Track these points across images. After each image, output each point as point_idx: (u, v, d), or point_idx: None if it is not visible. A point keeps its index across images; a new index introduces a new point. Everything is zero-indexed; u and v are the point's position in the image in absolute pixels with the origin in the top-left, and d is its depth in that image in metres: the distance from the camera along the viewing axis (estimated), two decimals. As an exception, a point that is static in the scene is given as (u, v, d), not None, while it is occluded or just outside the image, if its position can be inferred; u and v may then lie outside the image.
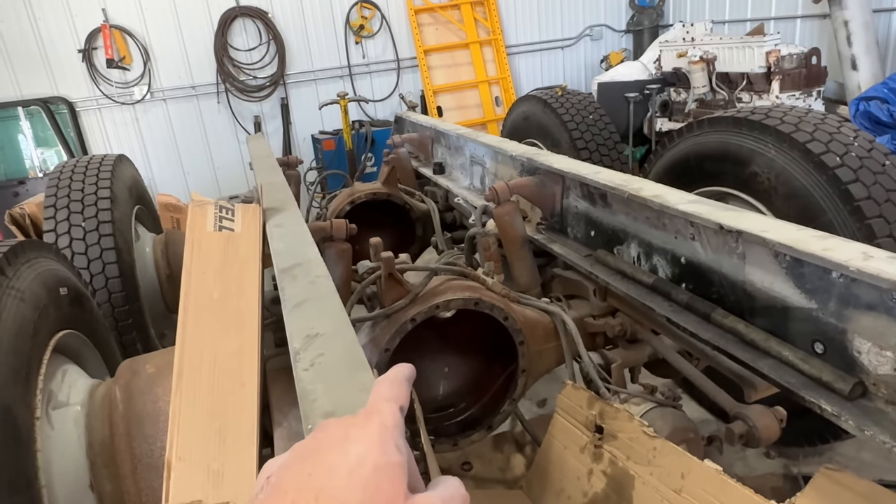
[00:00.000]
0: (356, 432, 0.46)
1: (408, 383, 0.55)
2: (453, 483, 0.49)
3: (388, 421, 0.48)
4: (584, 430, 1.69)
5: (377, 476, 0.43)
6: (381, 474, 0.43)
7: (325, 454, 0.45)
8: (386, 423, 0.48)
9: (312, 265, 1.27)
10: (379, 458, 0.44)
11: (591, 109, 3.48)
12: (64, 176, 2.58)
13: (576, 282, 2.10)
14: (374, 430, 0.47)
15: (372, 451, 0.45)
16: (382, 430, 0.47)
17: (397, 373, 0.55)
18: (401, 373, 0.56)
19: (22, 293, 1.38)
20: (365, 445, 0.45)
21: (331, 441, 0.46)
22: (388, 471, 0.44)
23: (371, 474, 0.43)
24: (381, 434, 0.46)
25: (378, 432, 0.46)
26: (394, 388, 0.53)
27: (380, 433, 0.46)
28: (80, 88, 6.41)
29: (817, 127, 1.99)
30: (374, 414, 0.49)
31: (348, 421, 0.48)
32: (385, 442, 0.46)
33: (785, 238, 1.24)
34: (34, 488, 1.25)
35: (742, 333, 1.38)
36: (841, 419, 1.12)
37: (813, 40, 6.14)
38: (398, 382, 0.54)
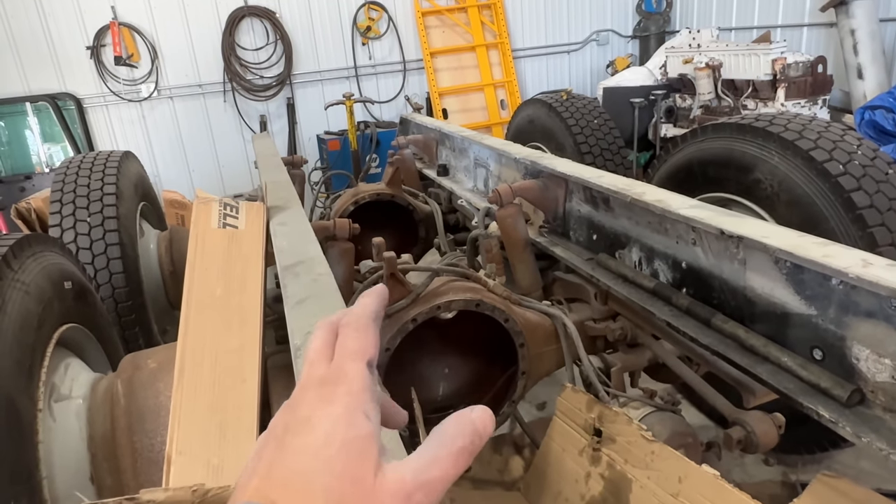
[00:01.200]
0: (321, 409, 0.43)
1: (374, 325, 0.50)
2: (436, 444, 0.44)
3: (354, 386, 0.45)
4: (582, 433, 1.69)
5: (344, 453, 0.41)
6: (349, 451, 0.41)
7: (293, 436, 0.43)
8: (352, 389, 0.44)
9: (315, 263, 1.28)
10: (345, 434, 0.42)
11: (595, 114, 3.48)
12: (70, 171, 2.60)
13: (577, 285, 2.11)
14: (340, 403, 0.44)
15: (339, 427, 0.42)
16: (348, 399, 0.44)
17: (360, 315, 0.50)
18: (365, 312, 0.50)
19: (27, 286, 1.39)
20: (331, 422, 0.42)
21: (298, 420, 0.44)
22: (355, 445, 0.41)
23: (338, 453, 0.41)
24: (348, 404, 0.43)
25: (344, 403, 0.43)
26: (359, 338, 0.48)
27: (346, 404, 0.43)
28: (88, 85, 6.44)
29: (821, 135, 1.99)
30: (340, 381, 0.45)
31: (314, 392, 0.45)
32: (352, 413, 0.43)
33: (785, 244, 1.24)
34: (35, 480, 1.26)
35: (742, 339, 1.39)
36: (838, 426, 1.12)
37: (819, 49, 6.13)
38: (363, 329, 0.49)
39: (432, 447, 0.44)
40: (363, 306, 0.51)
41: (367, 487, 0.40)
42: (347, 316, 0.51)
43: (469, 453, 0.44)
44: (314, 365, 0.48)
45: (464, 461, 0.43)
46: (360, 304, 0.51)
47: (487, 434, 0.45)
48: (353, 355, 0.47)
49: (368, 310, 0.51)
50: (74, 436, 1.45)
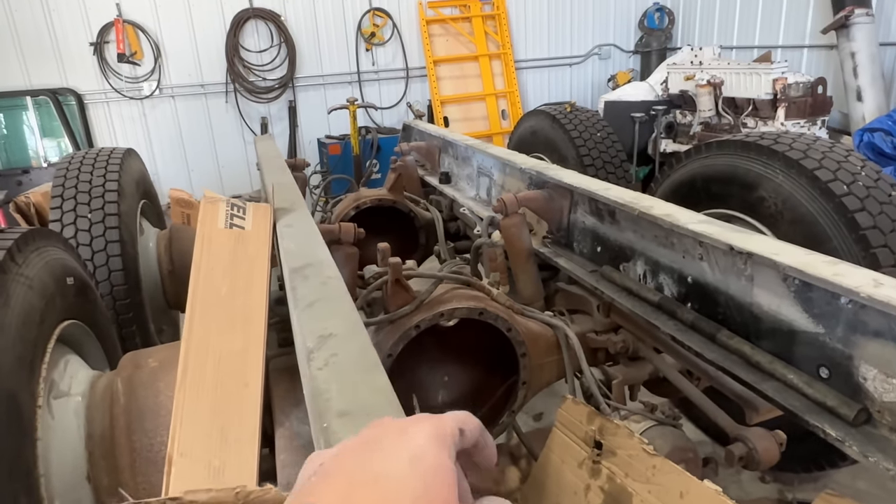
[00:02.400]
0: (414, 427, 0.45)
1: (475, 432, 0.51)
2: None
3: (446, 428, 0.46)
4: (582, 445, 1.69)
5: (436, 473, 0.42)
6: (439, 473, 0.42)
7: (383, 443, 0.44)
8: (444, 428, 0.46)
9: (324, 266, 1.27)
10: (438, 457, 0.43)
11: (598, 127, 3.50)
12: (73, 167, 2.58)
13: (579, 296, 2.11)
14: (432, 429, 0.45)
15: (431, 447, 0.43)
16: (440, 431, 0.45)
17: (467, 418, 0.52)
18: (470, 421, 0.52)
19: (31, 281, 1.38)
20: (424, 440, 0.44)
21: (389, 433, 0.45)
22: (445, 471, 0.43)
23: (430, 469, 0.42)
24: (439, 434, 0.45)
25: (436, 432, 0.45)
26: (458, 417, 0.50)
27: (437, 433, 0.45)
28: (90, 81, 6.43)
29: (825, 155, 2.00)
30: (434, 418, 0.47)
31: (405, 419, 0.47)
32: (443, 442, 0.45)
33: (795, 262, 1.24)
34: (33, 477, 1.24)
35: (747, 355, 1.39)
36: (845, 444, 1.12)
37: (819, 70, 6.20)
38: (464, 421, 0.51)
39: None
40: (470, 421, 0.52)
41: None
42: None
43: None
44: None
45: None
46: None
47: None
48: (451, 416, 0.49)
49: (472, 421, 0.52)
50: (73, 433, 1.43)
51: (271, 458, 1.39)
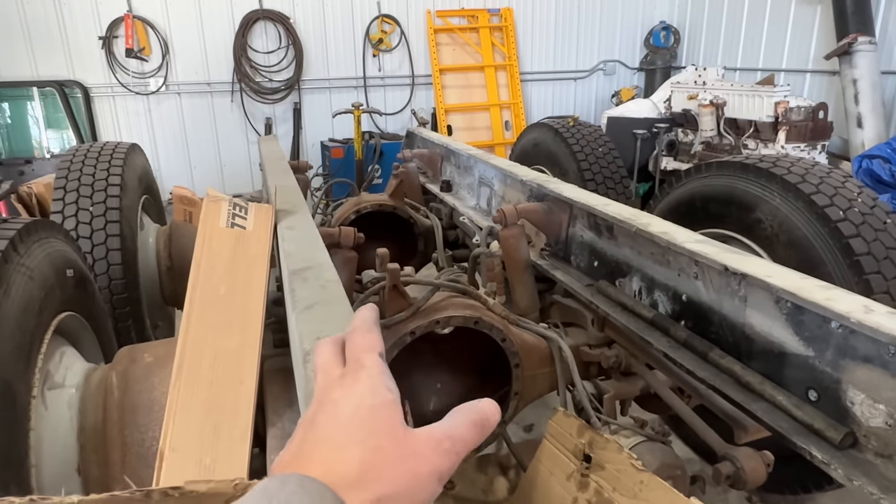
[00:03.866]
0: (344, 392, 0.48)
1: (377, 327, 0.56)
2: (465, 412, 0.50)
3: (372, 369, 0.50)
4: (571, 457, 1.69)
5: (374, 415, 0.45)
6: (378, 413, 0.46)
7: (321, 417, 0.47)
8: (371, 372, 0.49)
9: (323, 269, 1.29)
10: (372, 401, 0.47)
11: (601, 142, 3.53)
12: (77, 159, 2.59)
13: (575, 310, 2.12)
14: (362, 382, 0.48)
15: (364, 398, 0.47)
16: (370, 380, 0.49)
17: (364, 321, 0.56)
18: (367, 319, 0.56)
19: (31, 271, 1.39)
20: (355, 397, 0.47)
21: (325, 404, 0.48)
22: (383, 409, 0.46)
23: (368, 416, 0.45)
24: (369, 382, 0.48)
25: (366, 383, 0.48)
26: (367, 337, 0.54)
27: (368, 383, 0.48)
28: (97, 74, 6.45)
29: (823, 180, 2.03)
30: (359, 369, 0.50)
31: (337, 383, 0.50)
32: (375, 387, 0.48)
33: (789, 285, 1.26)
34: (24, 467, 1.25)
35: (738, 375, 1.40)
36: (830, 467, 1.13)
37: (821, 95, 6.25)
38: (369, 331, 0.55)
39: (450, 418, 0.50)
40: (362, 317, 0.57)
41: (399, 435, 0.45)
42: (351, 327, 0.56)
43: (481, 429, 0.49)
44: (329, 370, 0.53)
45: (478, 434, 0.49)
46: (358, 317, 0.57)
47: (494, 421, 0.51)
48: (365, 349, 0.52)
49: (368, 319, 0.57)
50: (65, 425, 1.44)
51: (262, 458, 1.40)
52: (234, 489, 0.47)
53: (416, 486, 0.44)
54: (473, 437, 0.49)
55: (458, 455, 0.47)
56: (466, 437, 0.48)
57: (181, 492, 0.46)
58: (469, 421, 0.49)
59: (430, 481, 0.45)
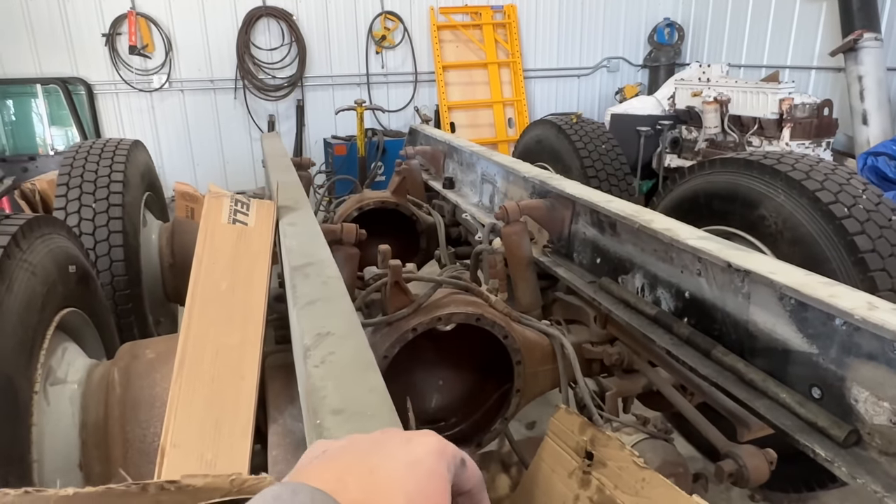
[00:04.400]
0: (419, 439, 0.48)
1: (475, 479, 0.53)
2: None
3: (449, 448, 0.49)
4: (573, 454, 1.69)
5: (431, 479, 0.44)
6: (434, 480, 0.44)
7: (386, 445, 0.46)
8: (447, 448, 0.49)
9: (325, 265, 1.28)
10: (434, 466, 0.45)
11: (604, 139, 3.51)
12: (80, 155, 2.60)
13: (577, 307, 2.12)
14: (436, 443, 0.48)
15: (431, 457, 0.46)
16: (442, 448, 0.48)
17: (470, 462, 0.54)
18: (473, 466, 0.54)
19: (34, 267, 1.39)
20: (426, 451, 0.46)
21: (392, 438, 0.47)
22: (440, 480, 0.45)
23: (426, 475, 0.44)
24: (441, 450, 0.48)
25: (438, 447, 0.48)
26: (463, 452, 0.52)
27: (439, 448, 0.48)
28: (101, 72, 6.46)
29: (827, 176, 2.01)
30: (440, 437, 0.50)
31: (413, 432, 0.50)
32: (443, 457, 0.47)
33: (792, 281, 1.25)
34: (26, 462, 1.25)
35: (741, 372, 1.39)
36: (834, 465, 1.13)
37: (826, 92, 6.22)
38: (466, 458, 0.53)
39: None
40: None
41: None
42: None
43: None
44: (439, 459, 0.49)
45: None
46: None
47: None
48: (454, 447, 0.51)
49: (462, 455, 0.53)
50: (67, 421, 1.44)
51: (263, 454, 1.40)
52: (230, 484, 0.46)
53: None
54: None
55: None
56: None
57: (178, 486, 0.45)
58: None
59: None
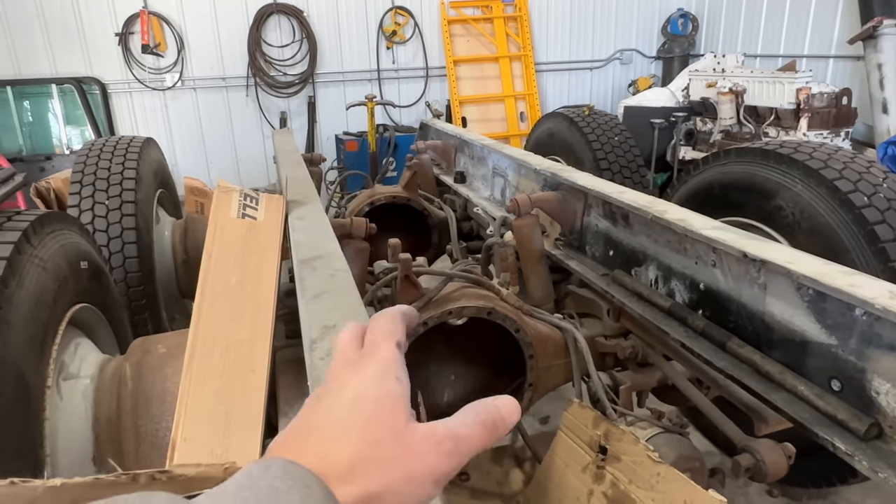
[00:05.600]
0: (352, 377, 0.46)
1: (403, 319, 0.54)
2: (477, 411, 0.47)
3: (385, 356, 0.48)
4: (587, 449, 1.67)
5: (377, 406, 0.43)
6: (381, 405, 0.44)
7: (325, 400, 0.45)
8: (383, 359, 0.47)
9: (333, 258, 1.28)
10: (377, 392, 0.44)
11: (616, 131, 3.47)
12: (93, 153, 2.62)
13: (590, 300, 2.09)
14: (372, 369, 0.47)
15: (369, 387, 0.45)
16: (380, 367, 0.47)
17: (392, 310, 0.55)
18: (396, 309, 0.55)
19: (45, 263, 1.40)
20: (362, 383, 0.45)
21: (329, 390, 0.46)
22: (387, 401, 0.44)
23: (370, 406, 0.43)
24: (379, 370, 0.46)
25: (376, 370, 0.46)
26: (389, 323, 0.52)
27: (377, 370, 0.46)
28: (114, 71, 6.52)
29: (846, 165, 1.97)
30: (372, 354, 0.48)
31: (347, 367, 0.48)
32: (384, 376, 0.46)
33: (810, 271, 1.22)
34: (39, 456, 1.26)
35: (758, 365, 1.37)
36: (854, 459, 1.10)
37: (845, 81, 6.10)
38: (394, 319, 0.53)
39: (460, 415, 0.47)
40: (392, 308, 0.55)
41: (399, 430, 0.43)
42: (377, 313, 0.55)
43: (492, 430, 0.46)
44: (346, 352, 0.51)
45: (489, 435, 0.46)
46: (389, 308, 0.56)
47: (511, 421, 0.48)
48: (384, 335, 0.50)
49: (398, 309, 0.55)
50: (80, 415, 1.45)
51: (274, 448, 1.40)
52: (224, 473, 0.45)
53: (409, 486, 0.42)
54: (482, 439, 0.46)
55: (460, 458, 0.44)
56: (473, 438, 0.45)
57: (169, 475, 0.44)
58: (479, 421, 0.46)
59: (425, 483, 0.42)
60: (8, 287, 1.19)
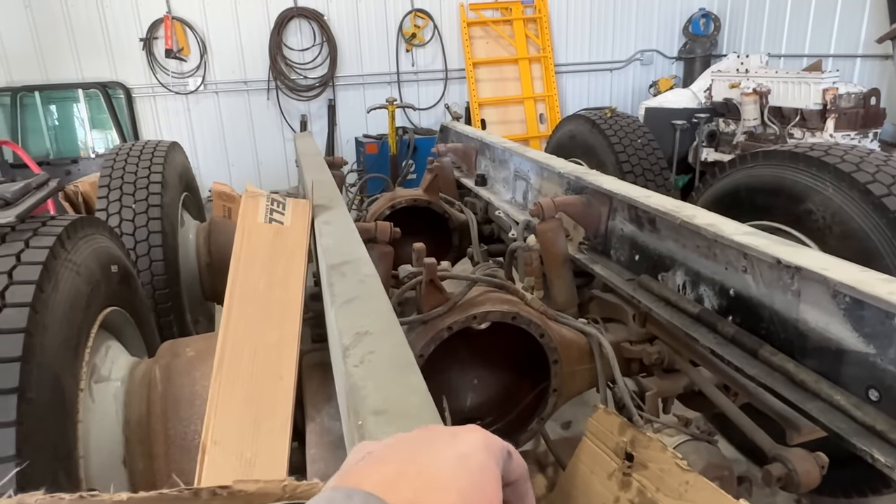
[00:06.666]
0: (465, 434, 0.46)
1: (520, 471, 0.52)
2: None
3: (496, 442, 0.48)
4: (613, 456, 1.65)
5: (482, 473, 0.43)
6: (486, 473, 0.43)
7: (432, 442, 0.45)
8: (494, 441, 0.47)
9: (361, 264, 1.28)
10: (485, 460, 0.44)
11: (639, 133, 3.44)
12: (120, 157, 2.66)
13: (615, 305, 2.07)
14: (483, 438, 0.47)
15: (479, 451, 0.45)
16: (489, 442, 0.47)
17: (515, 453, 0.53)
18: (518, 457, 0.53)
19: (78, 267, 1.42)
20: (473, 446, 0.45)
21: (438, 435, 0.46)
22: (490, 473, 0.44)
23: (477, 469, 0.43)
24: (488, 444, 0.46)
25: (485, 441, 0.46)
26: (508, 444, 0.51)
27: (487, 443, 0.46)
28: (138, 75, 6.62)
29: (879, 168, 1.93)
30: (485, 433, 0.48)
31: (457, 427, 0.48)
32: (491, 451, 0.46)
33: (847, 278, 1.20)
34: (73, 458, 1.28)
35: (791, 373, 1.34)
36: (894, 471, 1.07)
37: (873, 80, 5.98)
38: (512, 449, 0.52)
39: None
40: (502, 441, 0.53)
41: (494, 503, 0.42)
42: None
43: None
44: None
45: None
46: None
47: None
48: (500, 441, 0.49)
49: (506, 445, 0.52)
50: (111, 418, 1.47)
51: (301, 452, 1.41)
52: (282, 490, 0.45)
53: None
54: None
55: None
56: None
57: (230, 491, 0.45)
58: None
59: None
60: (44, 291, 1.21)
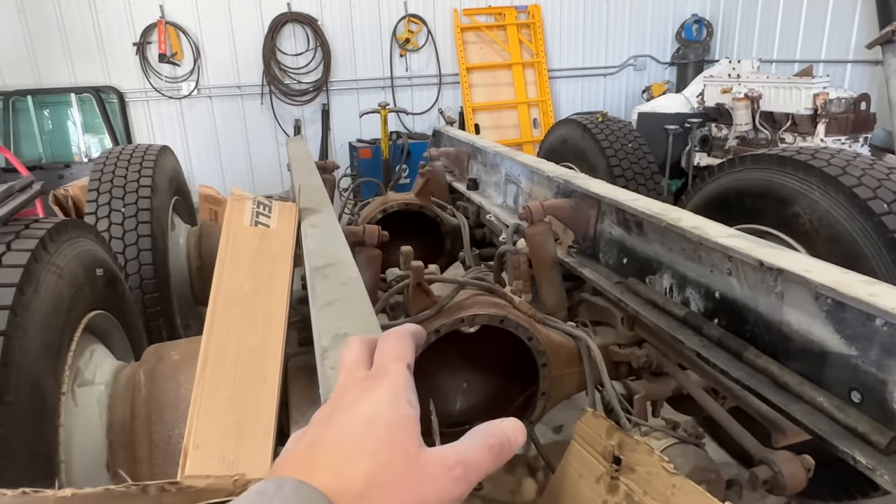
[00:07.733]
0: (366, 395, 0.47)
1: (412, 339, 0.54)
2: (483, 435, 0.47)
3: (398, 380, 0.48)
4: (601, 459, 1.65)
5: (389, 429, 0.44)
6: (394, 427, 0.44)
7: (337, 418, 0.45)
8: (396, 382, 0.48)
9: (345, 266, 1.28)
10: (390, 414, 0.45)
11: (630, 138, 3.45)
12: (109, 161, 2.65)
13: (603, 308, 2.07)
14: (385, 390, 0.47)
15: (383, 408, 0.45)
16: (393, 389, 0.47)
17: (402, 329, 0.54)
18: (405, 329, 0.55)
19: (61, 270, 1.41)
20: (376, 404, 0.45)
21: (342, 406, 0.46)
22: (400, 424, 0.44)
23: (384, 428, 0.44)
24: (392, 392, 0.47)
25: (388, 391, 0.47)
26: (399, 345, 0.52)
27: (390, 392, 0.47)
28: (132, 80, 6.61)
29: (865, 172, 1.94)
30: (383, 375, 0.48)
31: (358, 385, 0.48)
32: (396, 399, 0.46)
33: (829, 280, 1.20)
34: (53, 462, 1.27)
35: (775, 375, 1.34)
36: (875, 473, 1.07)
37: (863, 86, 6.02)
38: (403, 339, 0.53)
39: (468, 439, 0.47)
40: (401, 327, 0.56)
41: (411, 455, 0.43)
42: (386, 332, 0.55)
43: (499, 454, 0.47)
44: (353, 370, 0.51)
45: (496, 459, 0.47)
46: (397, 327, 0.56)
47: (517, 444, 0.49)
48: (394, 357, 0.50)
49: (407, 329, 0.55)
50: (94, 422, 1.46)
51: (285, 456, 1.40)
52: (233, 485, 0.45)
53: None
54: (489, 463, 0.46)
55: (469, 483, 0.45)
56: (481, 463, 0.46)
57: (178, 487, 0.44)
58: (486, 445, 0.46)
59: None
60: (25, 294, 1.20)
